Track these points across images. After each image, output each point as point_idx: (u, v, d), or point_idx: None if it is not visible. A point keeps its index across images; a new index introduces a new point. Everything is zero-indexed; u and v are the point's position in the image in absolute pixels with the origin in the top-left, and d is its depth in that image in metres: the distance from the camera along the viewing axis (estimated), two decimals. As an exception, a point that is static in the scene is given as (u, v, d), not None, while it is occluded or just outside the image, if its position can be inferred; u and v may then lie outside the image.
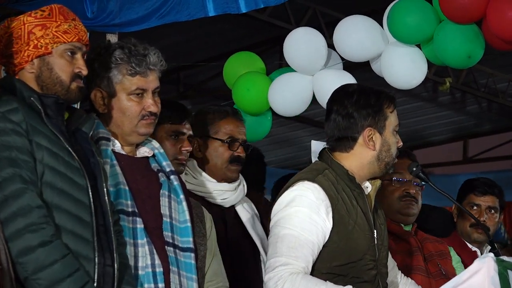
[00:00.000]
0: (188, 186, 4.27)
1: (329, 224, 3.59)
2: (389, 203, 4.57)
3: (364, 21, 5.90)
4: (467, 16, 5.28)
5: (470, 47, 5.42)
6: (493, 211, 5.26)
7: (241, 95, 6.21)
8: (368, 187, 3.76)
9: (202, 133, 4.42)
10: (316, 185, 3.61)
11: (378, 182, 3.80)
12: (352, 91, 3.76)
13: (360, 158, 3.73)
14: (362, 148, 3.72)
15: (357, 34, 5.77)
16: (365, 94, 3.74)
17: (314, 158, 4.59)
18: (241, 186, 4.49)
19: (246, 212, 4.49)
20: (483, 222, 5.12)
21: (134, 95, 3.59)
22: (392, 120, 3.74)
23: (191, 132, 4.21)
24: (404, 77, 5.75)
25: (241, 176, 4.52)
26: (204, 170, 4.39)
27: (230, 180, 4.41)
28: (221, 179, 4.39)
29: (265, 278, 3.54)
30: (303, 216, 3.57)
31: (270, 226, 3.67)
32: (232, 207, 4.46)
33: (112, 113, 3.60)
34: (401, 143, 3.78)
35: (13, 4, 5.45)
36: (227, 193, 4.39)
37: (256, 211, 4.55)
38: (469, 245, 5.21)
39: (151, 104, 3.60)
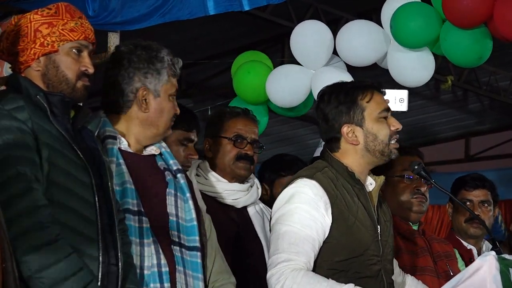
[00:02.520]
0: (200, 187, 4.33)
1: (328, 220, 3.62)
2: (400, 200, 4.58)
3: (366, 25, 5.89)
4: (471, 22, 5.26)
5: (480, 48, 5.40)
6: (486, 204, 5.27)
7: (241, 78, 6.21)
8: (372, 183, 3.79)
9: (212, 133, 4.49)
10: (314, 182, 3.65)
11: (382, 179, 3.82)
12: (323, 93, 3.81)
13: (351, 154, 3.76)
14: (348, 145, 3.76)
15: (359, 40, 5.76)
16: (335, 93, 3.77)
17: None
18: (254, 188, 4.52)
19: (257, 214, 4.52)
20: (478, 215, 5.14)
21: (172, 97, 3.62)
22: (372, 108, 3.75)
23: (196, 139, 4.26)
24: (411, 75, 5.74)
25: (255, 179, 4.56)
26: (215, 170, 4.44)
27: (239, 178, 4.44)
28: (231, 177, 4.43)
29: (268, 275, 3.56)
30: (303, 212, 3.59)
31: (271, 224, 3.70)
32: (244, 208, 4.49)
33: (151, 113, 3.59)
34: (397, 126, 3.76)
35: (15, 3, 5.45)
36: (238, 193, 4.43)
37: (268, 214, 4.57)
38: (464, 243, 5.23)
39: (177, 107, 3.64)
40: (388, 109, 3.78)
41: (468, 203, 5.24)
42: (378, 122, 3.74)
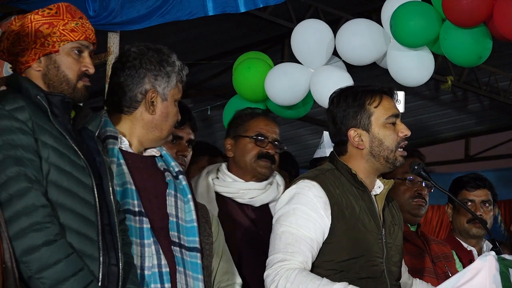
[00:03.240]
0: (218, 189, 4.39)
1: (327, 221, 3.65)
2: (400, 203, 4.57)
3: (365, 24, 5.89)
4: (471, 20, 5.26)
5: (480, 48, 5.40)
6: (487, 204, 5.26)
7: (242, 74, 6.20)
8: (380, 187, 3.80)
9: (233, 133, 4.52)
10: (314, 183, 3.68)
11: (391, 182, 3.84)
12: (334, 96, 3.83)
13: (356, 158, 3.78)
14: (354, 149, 3.78)
15: (359, 39, 5.76)
16: (344, 96, 3.79)
17: (324, 148, 4.67)
18: (274, 186, 4.53)
19: None
20: (480, 216, 5.13)
21: (176, 102, 3.62)
22: (379, 114, 3.75)
23: (191, 137, 4.24)
24: (411, 75, 5.74)
25: (277, 177, 4.56)
26: (236, 169, 4.47)
27: (260, 177, 4.46)
28: (251, 176, 4.45)
29: (264, 275, 3.61)
30: (300, 213, 3.63)
31: (273, 224, 3.72)
32: (265, 206, 4.49)
33: (156, 116, 3.59)
34: (405, 132, 3.75)
35: (15, 3, 5.45)
36: (254, 191, 4.43)
37: None
38: (464, 244, 5.21)
39: (179, 113, 3.65)
40: (397, 114, 3.77)
41: (469, 203, 5.23)
42: (385, 128, 3.75)
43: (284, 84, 5.99)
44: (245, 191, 4.43)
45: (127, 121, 3.60)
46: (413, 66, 5.69)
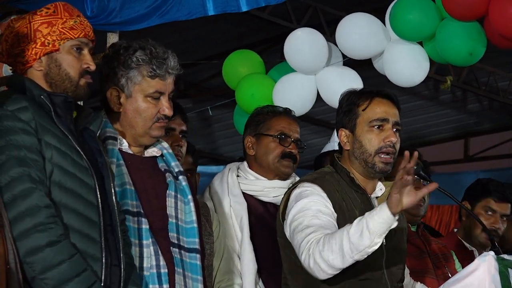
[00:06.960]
0: (242, 187, 4.38)
1: (334, 213, 3.66)
2: None
3: (366, 18, 5.91)
4: (469, 13, 5.29)
5: (472, 45, 5.43)
6: (505, 218, 5.17)
7: (246, 99, 6.22)
8: (382, 189, 3.81)
9: (254, 130, 4.50)
10: (314, 185, 3.71)
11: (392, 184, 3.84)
12: (340, 97, 3.87)
13: (347, 160, 3.81)
14: (344, 151, 3.81)
15: (359, 32, 5.78)
16: (343, 99, 3.84)
17: (333, 142, 4.67)
18: None
19: None
20: (498, 229, 5.07)
21: (151, 97, 3.58)
22: (365, 116, 3.76)
23: (183, 128, 4.26)
24: (406, 75, 5.75)
25: (297, 177, 4.53)
26: (257, 167, 4.45)
27: (283, 176, 4.45)
28: (274, 175, 4.44)
29: (302, 261, 3.55)
30: (310, 202, 3.64)
31: (288, 225, 3.70)
32: None
33: (126, 113, 3.58)
34: (390, 138, 3.74)
35: (14, 3, 5.45)
36: (279, 190, 4.41)
37: None
38: (467, 244, 5.19)
39: (167, 107, 3.59)
40: (384, 119, 3.75)
41: (490, 212, 5.11)
42: (367, 131, 3.75)
43: (293, 98, 5.99)
44: (270, 189, 4.41)
45: (113, 121, 3.60)
46: (408, 67, 5.71)
